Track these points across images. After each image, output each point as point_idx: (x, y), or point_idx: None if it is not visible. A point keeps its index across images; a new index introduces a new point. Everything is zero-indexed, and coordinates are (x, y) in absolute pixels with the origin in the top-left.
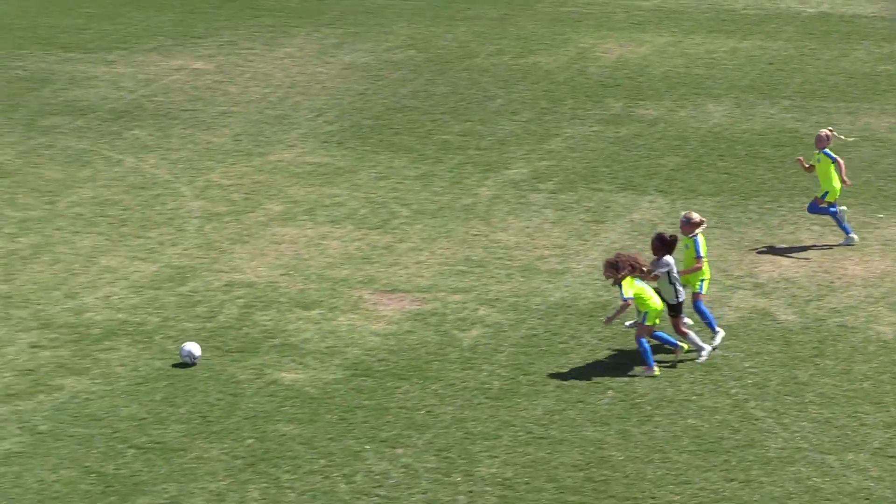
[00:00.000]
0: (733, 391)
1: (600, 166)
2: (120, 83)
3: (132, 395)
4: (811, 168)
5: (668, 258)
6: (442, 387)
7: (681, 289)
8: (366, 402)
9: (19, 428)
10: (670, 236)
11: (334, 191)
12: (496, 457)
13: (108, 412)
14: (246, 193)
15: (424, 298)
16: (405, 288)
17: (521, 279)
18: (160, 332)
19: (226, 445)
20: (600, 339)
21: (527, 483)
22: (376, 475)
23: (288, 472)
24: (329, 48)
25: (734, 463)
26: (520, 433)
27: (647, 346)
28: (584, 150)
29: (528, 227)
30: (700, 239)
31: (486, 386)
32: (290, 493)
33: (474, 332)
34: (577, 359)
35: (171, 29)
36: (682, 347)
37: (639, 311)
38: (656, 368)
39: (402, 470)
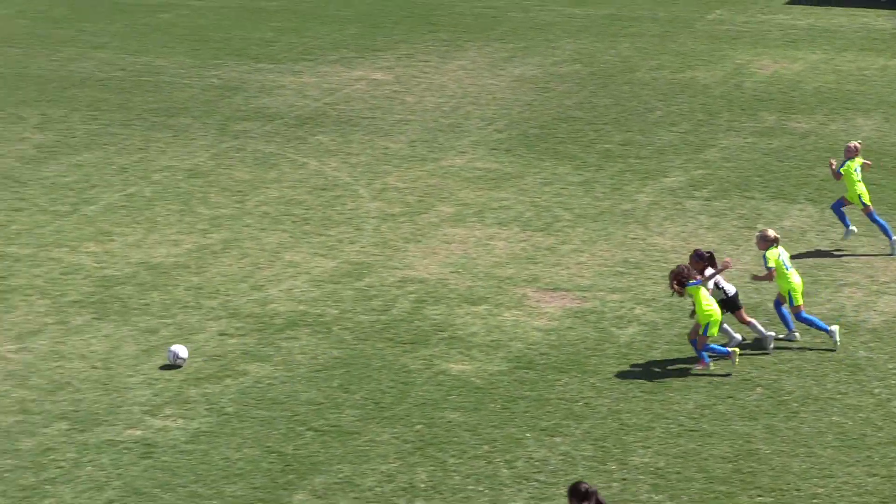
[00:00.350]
0: (877, 391)
1: (753, 176)
2: (305, 92)
3: (311, 382)
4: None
5: (707, 271)
6: (599, 380)
7: (726, 286)
8: (527, 393)
9: (207, 409)
10: (707, 252)
11: (502, 195)
12: (649, 447)
13: (288, 396)
14: (420, 196)
15: (584, 297)
16: (566, 287)
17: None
18: (338, 324)
19: (396, 430)
20: (749, 340)
21: (678, 473)
22: (536, 461)
23: (454, 456)
24: (500, 61)
25: (877, 459)
26: (672, 425)
27: (716, 347)
28: (738, 160)
29: (683, 232)
30: (769, 254)
31: (641, 380)
32: (455, 475)
33: (630, 330)
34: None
35: (354, 42)
36: (734, 353)
37: (700, 325)
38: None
39: (561, 457)
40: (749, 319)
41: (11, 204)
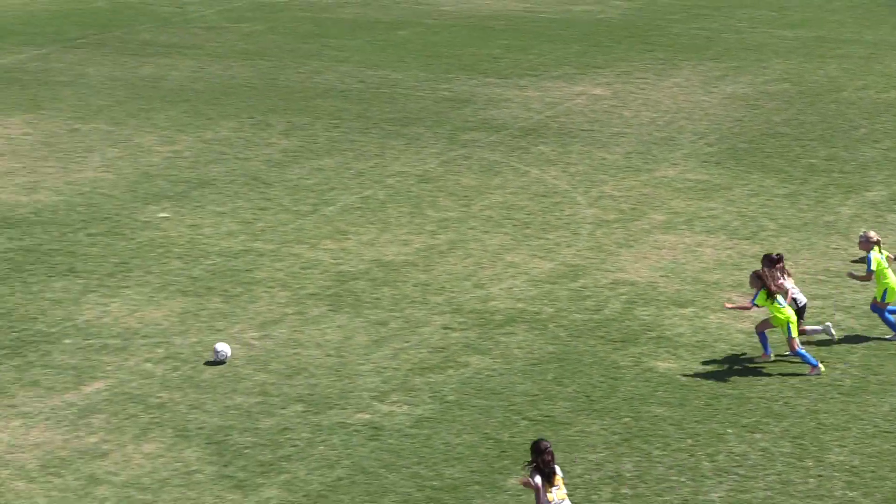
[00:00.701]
0: None
1: None
2: (529, 105)
3: (527, 374)
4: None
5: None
6: (799, 381)
7: (799, 296)
8: (729, 391)
9: (430, 397)
10: (777, 255)
11: (711, 204)
12: (845, 446)
13: (505, 388)
14: (633, 204)
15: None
16: None
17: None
18: (553, 321)
19: (605, 422)
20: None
21: (872, 472)
22: (736, 456)
23: (658, 448)
24: (712, 80)
25: None
26: (868, 426)
27: (803, 352)
28: None
29: (883, 244)
30: (872, 255)
31: (839, 382)
32: (659, 466)
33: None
34: None
35: (575, 59)
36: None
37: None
38: (821, 366)
39: (760, 453)
40: (805, 328)
41: (257, 203)
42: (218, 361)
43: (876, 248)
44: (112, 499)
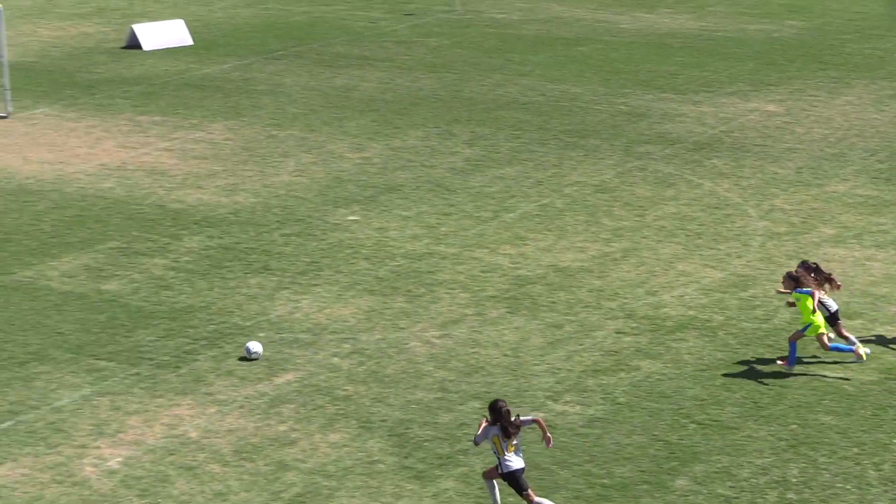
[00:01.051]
0: None
1: None
2: (703, 120)
3: (696, 379)
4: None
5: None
6: None
7: (829, 303)
8: None
9: (602, 398)
10: (813, 263)
11: (881, 220)
12: None
13: (675, 391)
14: (803, 217)
15: None
16: None
17: None
18: (723, 329)
19: (772, 428)
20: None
21: None
22: None
23: (824, 455)
24: (884, 98)
25: None
26: None
27: (794, 347)
28: None
29: None
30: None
31: None
32: (825, 473)
33: None
34: None
35: (749, 77)
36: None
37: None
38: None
39: None
40: (847, 334)
41: (441, 209)
42: (251, 358)
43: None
44: (299, 484)
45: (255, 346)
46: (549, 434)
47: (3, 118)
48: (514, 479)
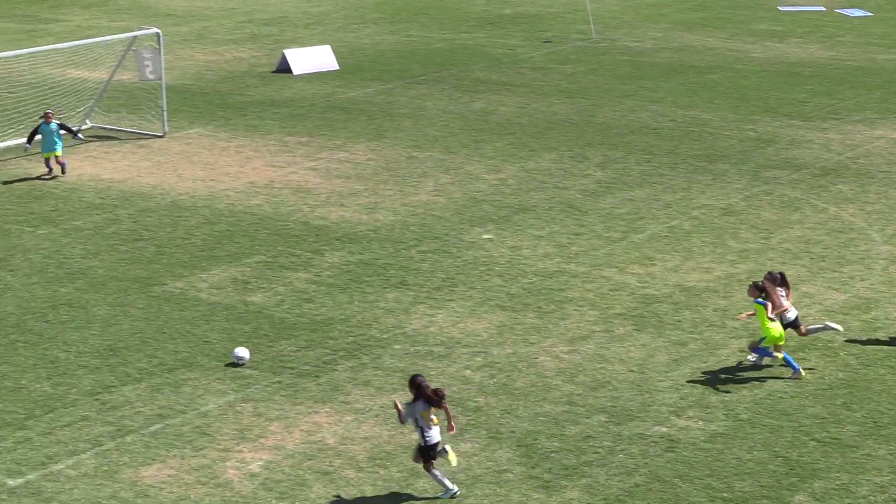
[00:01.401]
0: None
1: None
2: (830, 146)
3: (817, 398)
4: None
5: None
6: None
7: (790, 312)
8: None
9: (724, 414)
10: (778, 273)
11: None
12: None
13: (796, 409)
14: None
15: None
16: None
17: None
18: (844, 349)
19: (891, 447)
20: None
21: None
22: None
23: None
24: None
25: None
26: None
27: (764, 350)
28: None
29: None
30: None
31: None
32: None
33: None
34: None
35: (877, 105)
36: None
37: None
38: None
39: None
40: (806, 330)
41: (573, 229)
42: (238, 364)
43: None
44: (430, 491)
45: (241, 352)
46: (453, 423)
47: (160, 137)
48: (431, 450)
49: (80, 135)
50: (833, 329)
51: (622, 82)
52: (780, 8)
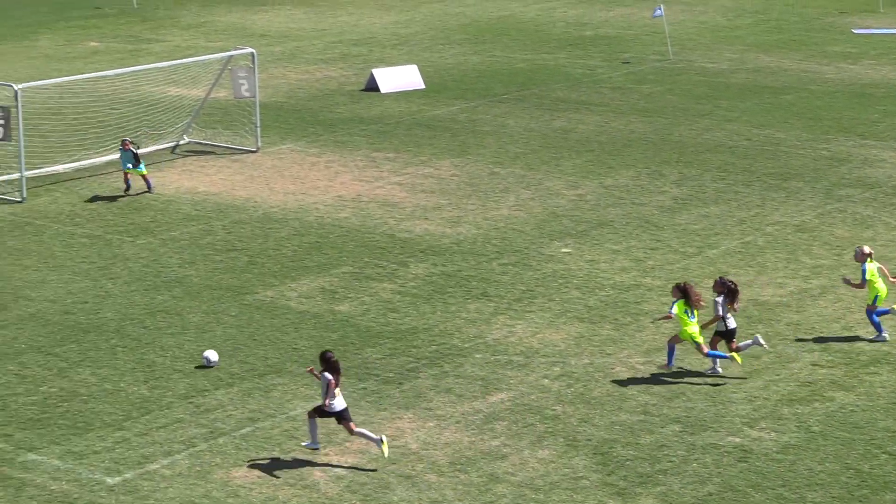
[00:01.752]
0: None
1: None
2: None
3: (888, 411)
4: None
5: (719, 298)
6: None
7: (730, 321)
8: None
9: (797, 426)
10: (730, 281)
11: None
12: None
13: (867, 422)
14: None
15: None
16: None
17: None
18: None
19: None
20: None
21: None
22: None
23: None
24: None
25: None
26: None
27: (673, 349)
28: None
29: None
30: (867, 266)
31: None
32: None
33: None
34: None
35: None
36: (732, 357)
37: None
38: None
39: None
40: (737, 346)
41: (649, 244)
42: (208, 365)
43: (868, 259)
44: (508, 496)
45: (210, 354)
46: (328, 400)
47: (253, 152)
48: (341, 415)
49: (141, 165)
50: (761, 346)
51: (698, 102)
52: (854, 31)
